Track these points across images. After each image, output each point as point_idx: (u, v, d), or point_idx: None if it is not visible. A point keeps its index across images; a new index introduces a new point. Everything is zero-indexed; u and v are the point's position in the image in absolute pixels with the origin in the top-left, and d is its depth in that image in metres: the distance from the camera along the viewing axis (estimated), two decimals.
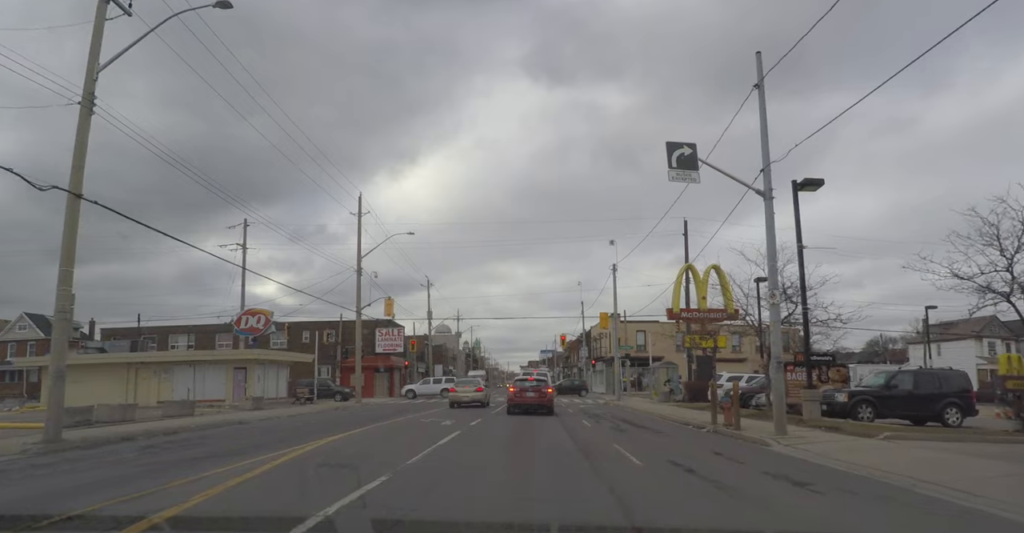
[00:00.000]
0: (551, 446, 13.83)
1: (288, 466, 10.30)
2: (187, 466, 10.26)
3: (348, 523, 6.08)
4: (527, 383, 29.01)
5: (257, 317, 41.82)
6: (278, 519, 6.32)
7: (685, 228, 47.60)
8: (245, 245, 49.31)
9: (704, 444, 15.10)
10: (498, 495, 7.94)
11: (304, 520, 6.01)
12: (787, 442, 14.56)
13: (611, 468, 10.41)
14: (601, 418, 24.89)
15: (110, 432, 18.98)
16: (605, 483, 8.71)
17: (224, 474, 9.25)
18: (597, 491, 8.09)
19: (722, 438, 16.44)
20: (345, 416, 27.48)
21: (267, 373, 40.96)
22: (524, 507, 7.07)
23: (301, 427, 20.88)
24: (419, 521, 6.27)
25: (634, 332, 65.31)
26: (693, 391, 40.18)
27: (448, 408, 32.43)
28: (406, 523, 6.13)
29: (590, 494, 7.92)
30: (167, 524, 6.01)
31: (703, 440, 16.08)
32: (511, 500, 7.56)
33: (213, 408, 32.67)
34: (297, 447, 13.32)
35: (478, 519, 6.51)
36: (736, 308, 41.09)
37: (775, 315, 15.91)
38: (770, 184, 16.43)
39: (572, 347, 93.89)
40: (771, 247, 16.29)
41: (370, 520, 6.16)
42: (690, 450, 13.56)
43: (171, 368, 39.09)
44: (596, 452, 12.65)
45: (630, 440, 15.46)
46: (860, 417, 21.89)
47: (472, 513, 6.84)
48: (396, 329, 65.61)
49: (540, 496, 7.72)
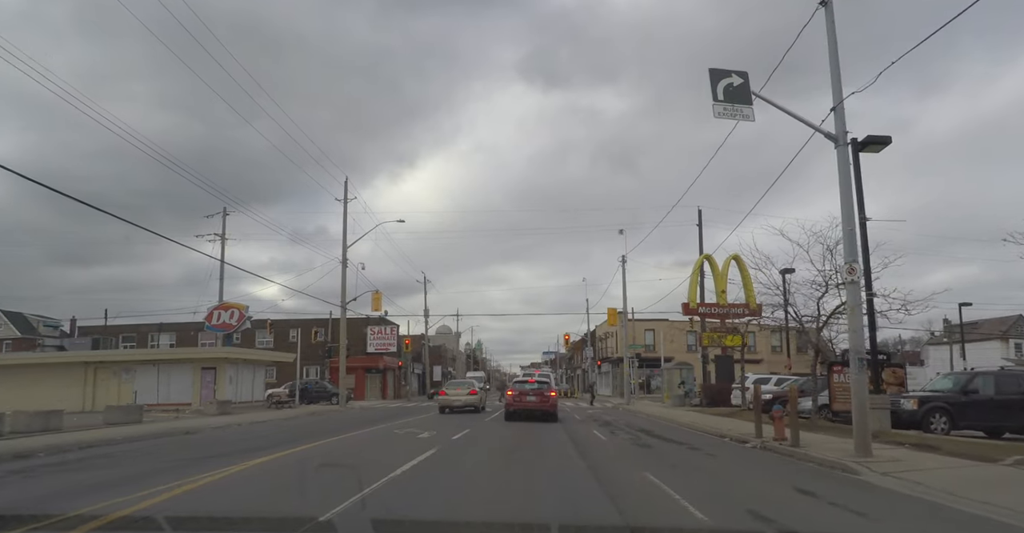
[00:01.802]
0: (556, 474, 9.90)
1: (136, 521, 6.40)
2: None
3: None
4: (527, 385, 25.07)
5: (230, 312, 37.92)
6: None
7: (699, 218, 43.63)
8: (224, 235, 45.62)
9: (768, 471, 11.12)
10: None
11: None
12: (880, 468, 10.60)
13: (658, 524, 6.46)
14: (615, 427, 20.92)
15: (7, 446, 15.20)
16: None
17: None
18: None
19: (784, 460, 12.46)
20: (313, 425, 23.55)
21: (241, 374, 37.02)
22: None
23: (249, 439, 17.04)
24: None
25: (642, 331, 61.21)
26: (712, 394, 36.16)
27: (438, 414, 28.50)
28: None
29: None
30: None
31: (761, 463, 12.10)
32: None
33: (170, 414, 28.75)
34: (197, 476, 9.40)
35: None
36: (759, 303, 37.22)
37: (854, 296, 11.96)
38: (844, 124, 12.50)
39: (576, 348, 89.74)
40: (847, 206, 12.35)
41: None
42: (758, 484, 9.57)
43: (133, 368, 35.16)
44: (624, 488, 8.68)
45: (664, 463, 11.49)
46: (933, 428, 17.95)
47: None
48: (389, 327, 61.60)
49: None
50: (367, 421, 24.36)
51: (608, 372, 68.35)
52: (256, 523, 6.50)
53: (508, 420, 23.73)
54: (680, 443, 15.49)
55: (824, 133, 12.68)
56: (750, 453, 13.71)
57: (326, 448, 14.03)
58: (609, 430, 19.52)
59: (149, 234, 42.18)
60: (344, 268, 40.16)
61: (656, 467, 10.63)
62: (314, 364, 59.10)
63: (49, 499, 7.84)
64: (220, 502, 7.63)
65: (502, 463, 10.90)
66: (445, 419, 25.14)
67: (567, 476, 9.60)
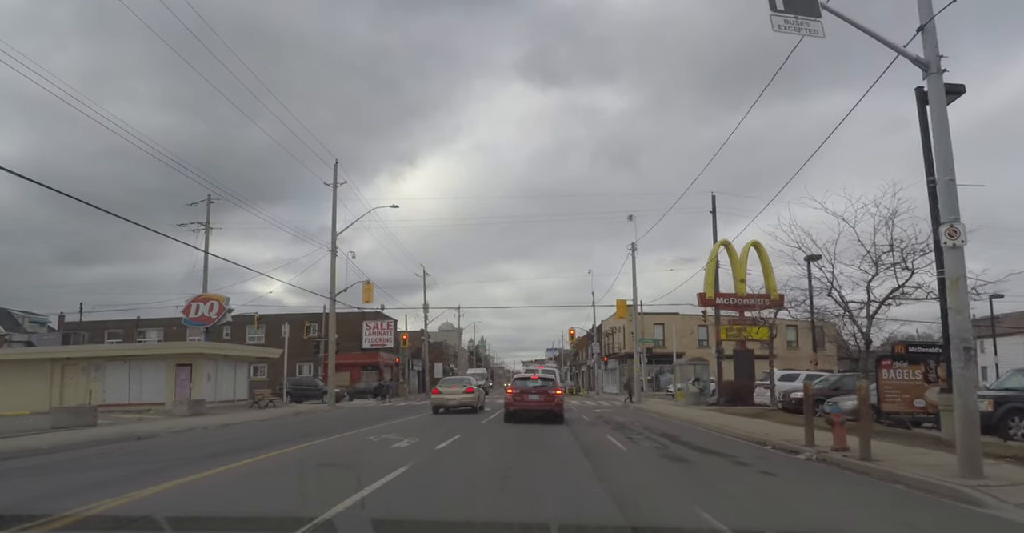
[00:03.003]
0: (569, 512, 7.06)
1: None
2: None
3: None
4: (529, 383, 22.23)
5: (210, 304, 35.14)
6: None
7: (713, 204, 40.65)
8: (208, 225, 42.89)
9: (858, 499, 8.24)
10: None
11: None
12: (1008, 496, 7.76)
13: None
14: (632, 431, 18.06)
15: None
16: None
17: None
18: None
19: (865, 481, 9.59)
20: (288, 428, 20.78)
21: (221, 371, 34.21)
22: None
23: (197, 448, 14.33)
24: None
25: (651, 326, 58.23)
26: (730, 392, 33.24)
27: (430, 415, 25.69)
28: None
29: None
30: None
31: (840, 487, 9.25)
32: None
33: (134, 415, 26.01)
34: (114, 498, 6.62)
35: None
36: (780, 294, 34.28)
37: (956, 265, 9.07)
38: (936, 47, 9.61)
39: (580, 344, 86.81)
40: (943, 151, 9.47)
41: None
42: (854, 524, 6.72)
43: (102, 365, 32.37)
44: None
45: (716, 490, 8.63)
46: (1012, 433, 15.11)
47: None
48: (386, 322, 58.76)
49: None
50: (350, 423, 21.56)
51: (615, 369, 65.47)
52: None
53: (508, 422, 20.96)
54: (719, 454, 12.62)
55: (912, 58, 9.78)
56: (814, 469, 10.83)
57: (271, 464, 11.18)
58: (626, 435, 16.67)
59: (150, 234, 39.44)
60: (333, 256, 37.39)
61: (710, 499, 7.74)
62: (307, 361, 56.35)
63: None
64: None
65: (491, 494, 8.00)
66: (436, 421, 22.33)
67: (586, 517, 6.75)
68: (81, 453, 13.72)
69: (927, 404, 16.96)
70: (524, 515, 6.67)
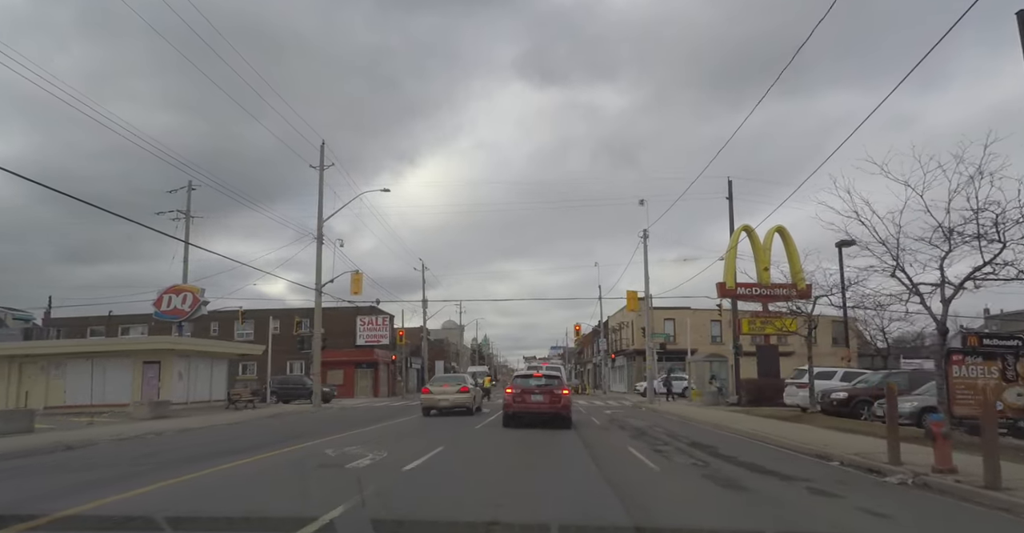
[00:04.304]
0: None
1: None
2: None
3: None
4: (532, 381, 19.24)
5: (183, 296, 32.23)
6: None
7: (730, 189, 37.63)
8: (189, 213, 40.00)
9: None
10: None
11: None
12: None
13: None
14: (655, 439, 15.06)
15: None
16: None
17: None
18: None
19: (1005, 522, 6.62)
20: (254, 434, 17.91)
21: (195, 369, 31.30)
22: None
23: (136, 460, 11.50)
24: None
25: (661, 321, 55.15)
26: (754, 392, 30.24)
27: (420, 417, 22.76)
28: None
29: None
30: None
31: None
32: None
33: (88, 418, 23.10)
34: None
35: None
36: (807, 283, 31.20)
37: None
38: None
39: (585, 341, 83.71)
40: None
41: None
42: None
43: (63, 362, 29.48)
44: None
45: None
46: None
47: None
48: (381, 317, 55.81)
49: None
50: (327, 428, 18.64)
51: (623, 366, 62.42)
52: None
53: (507, 426, 18.06)
54: (781, 476, 9.62)
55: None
56: (925, 503, 7.80)
57: (221, 478, 8.23)
58: (649, 445, 13.68)
59: (153, 234, 36.56)
60: (319, 244, 34.52)
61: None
62: (299, 358, 53.42)
63: None
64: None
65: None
66: (423, 425, 19.42)
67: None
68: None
69: (1005, 407, 14.13)
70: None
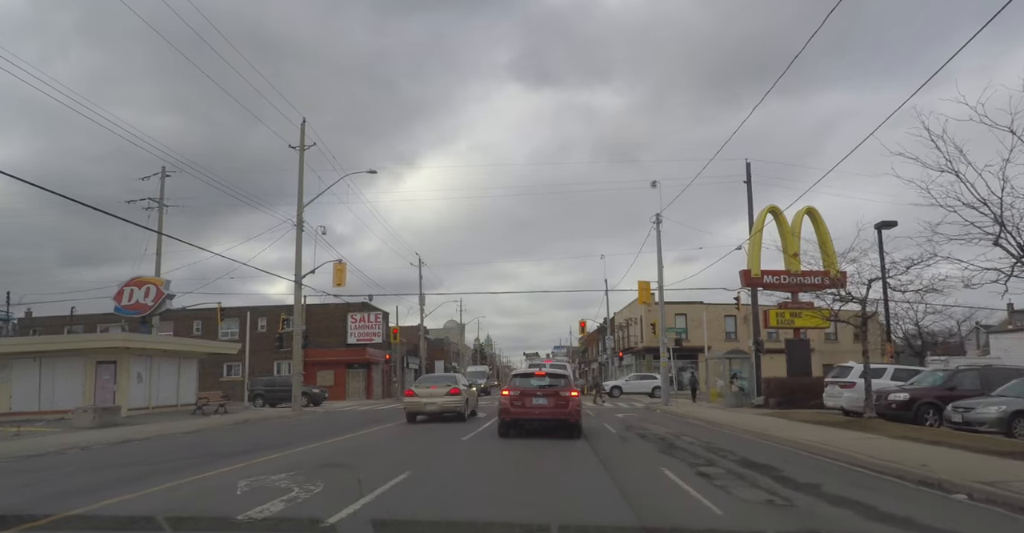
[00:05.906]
0: None
1: None
2: None
3: None
4: (534, 381, 15.79)
5: (145, 289, 28.96)
6: None
7: (748, 173, 34.26)
8: (162, 201, 36.76)
9: None
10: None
11: None
12: None
13: None
14: (690, 454, 11.68)
15: None
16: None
17: None
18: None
19: None
20: (187, 448, 14.60)
21: (158, 370, 28.00)
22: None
23: (18, 489, 8.18)
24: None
25: (672, 316, 51.66)
26: (785, 392, 26.85)
27: (403, 424, 19.45)
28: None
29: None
30: None
31: None
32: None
33: (13, 428, 19.81)
34: None
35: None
36: (841, 271, 27.80)
37: None
38: None
39: (590, 340, 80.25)
40: None
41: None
42: None
43: (9, 362, 26.23)
44: None
45: None
46: None
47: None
48: (374, 314, 52.47)
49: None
50: (285, 440, 15.33)
51: (631, 365, 58.96)
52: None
53: (503, 436, 14.76)
54: (904, 522, 6.25)
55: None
56: None
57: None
58: (689, 465, 10.29)
59: (151, 234, 33.55)
60: (299, 231, 31.18)
61: None
62: (287, 359, 50.14)
63: None
64: None
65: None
66: (399, 437, 16.10)
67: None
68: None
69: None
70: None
